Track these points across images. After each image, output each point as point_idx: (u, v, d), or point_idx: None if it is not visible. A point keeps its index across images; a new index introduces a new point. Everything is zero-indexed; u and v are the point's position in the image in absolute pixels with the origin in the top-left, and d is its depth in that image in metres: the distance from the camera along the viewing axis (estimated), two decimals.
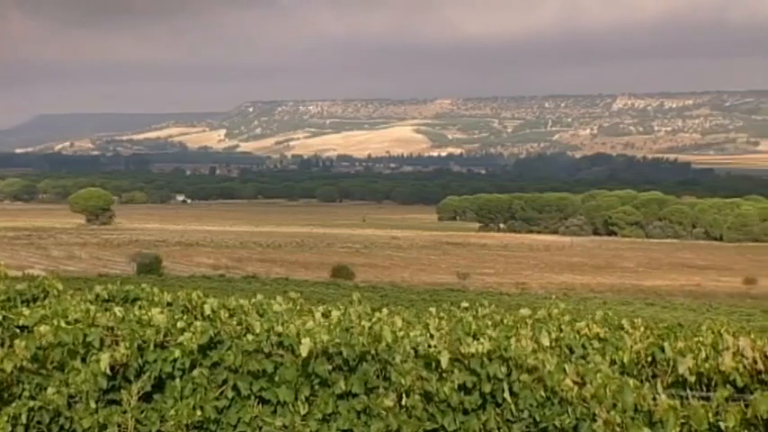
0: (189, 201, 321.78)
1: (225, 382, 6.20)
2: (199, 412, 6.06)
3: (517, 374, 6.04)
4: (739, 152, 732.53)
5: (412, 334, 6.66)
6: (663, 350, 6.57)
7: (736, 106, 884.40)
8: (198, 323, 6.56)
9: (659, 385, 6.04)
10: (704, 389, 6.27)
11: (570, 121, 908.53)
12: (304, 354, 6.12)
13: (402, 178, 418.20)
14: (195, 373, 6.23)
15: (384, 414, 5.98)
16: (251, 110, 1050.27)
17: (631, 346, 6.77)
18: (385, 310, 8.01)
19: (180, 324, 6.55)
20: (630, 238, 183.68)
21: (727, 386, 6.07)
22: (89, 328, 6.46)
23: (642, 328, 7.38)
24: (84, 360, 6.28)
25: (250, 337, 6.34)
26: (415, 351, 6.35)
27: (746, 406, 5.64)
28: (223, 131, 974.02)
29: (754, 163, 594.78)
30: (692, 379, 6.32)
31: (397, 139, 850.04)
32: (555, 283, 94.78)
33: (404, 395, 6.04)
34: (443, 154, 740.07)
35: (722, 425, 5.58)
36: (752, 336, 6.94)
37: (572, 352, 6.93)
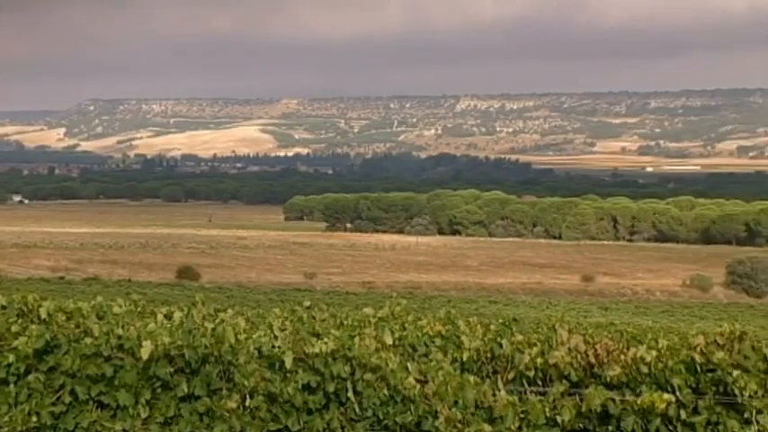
0: (26, 201, 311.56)
1: (62, 386, 6.05)
2: (34, 418, 5.89)
3: (361, 373, 6.08)
4: (577, 152, 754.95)
5: (255, 335, 6.62)
6: (501, 346, 6.72)
7: (573, 108, 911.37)
8: (34, 327, 6.38)
9: (500, 381, 6.18)
10: (542, 384, 6.44)
11: (415, 122, 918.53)
12: (145, 357, 6.02)
13: (248, 178, 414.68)
14: (30, 378, 6.05)
15: (227, 416, 5.94)
16: (92, 108, 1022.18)
17: (470, 343, 6.89)
18: (230, 311, 7.94)
19: (14, 328, 6.35)
20: (474, 237, 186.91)
21: (563, 381, 6.26)
22: None
23: (479, 326, 7.51)
24: None
25: (88, 340, 6.19)
26: (259, 352, 6.32)
27: (581, 400, 5.84)
28: (62, 130, 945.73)
29: (590, 163, 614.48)
30: (531, 374, 6.49)
31: (242, 138, 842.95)
32: (401, 282, 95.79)
33: (247, 396, 6.01)
34: (290, 154, 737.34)
35: (559, 419, 5.78)
36: (590, 331, 7.18)
37: (415, 350, 7.01)
